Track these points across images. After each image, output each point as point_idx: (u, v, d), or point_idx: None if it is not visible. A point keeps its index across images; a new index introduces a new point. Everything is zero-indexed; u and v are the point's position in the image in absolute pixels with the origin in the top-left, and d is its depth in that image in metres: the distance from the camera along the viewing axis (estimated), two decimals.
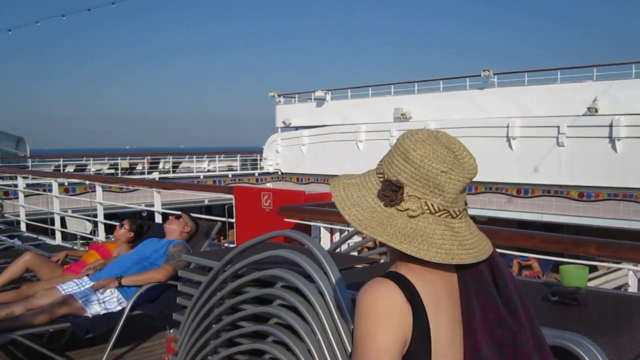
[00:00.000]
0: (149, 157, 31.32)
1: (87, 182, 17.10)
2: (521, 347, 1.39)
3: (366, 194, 1.39)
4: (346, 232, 4.86)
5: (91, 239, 9.90)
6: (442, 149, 1.35)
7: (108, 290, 4.83)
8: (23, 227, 10.49)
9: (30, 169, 26.26)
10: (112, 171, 29.40)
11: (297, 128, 29.19)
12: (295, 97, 31.22)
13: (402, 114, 23.92)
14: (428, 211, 1.35)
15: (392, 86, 26.39)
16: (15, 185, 16.28)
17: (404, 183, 1.36)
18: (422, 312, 1.33)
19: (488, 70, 21.66)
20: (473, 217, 1.47)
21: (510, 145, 19.70)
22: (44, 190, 13.75)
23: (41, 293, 4.84)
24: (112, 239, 6.31)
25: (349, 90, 28.18)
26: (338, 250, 4.20)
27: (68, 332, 5.02)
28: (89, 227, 10.04)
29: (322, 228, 5.32)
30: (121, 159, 30.84)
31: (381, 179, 1.39)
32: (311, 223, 5.33)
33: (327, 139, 26.07)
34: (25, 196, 11.14)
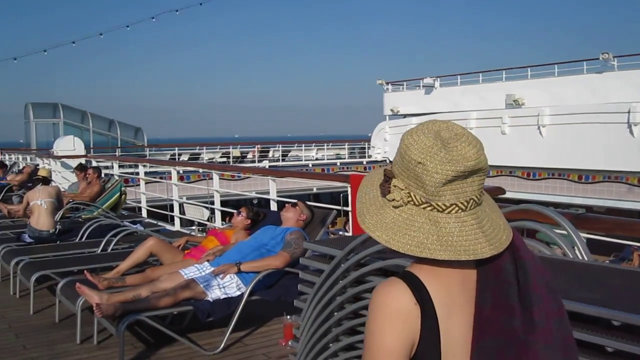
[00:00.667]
0: (258, 146, 32.06)
1: (201, 170, 17.75)
2: (528, 346, 1.34)
3: (377, 183, 1.42)
4: None
5: (207, 225, 10.23)
6: (428, 139, 1.31)
7: (228, 276, 4.96)
8: (144, 213, 11.02)
9: (148, 157, 27.50)
10: (224, 159, 30.30)
11: (405, 116, 28.99)
12: (403, 85, 30.99)
13: (514, 100, 23.19)
14: (412, 202, 1.34)
15: (504, 71, 25.63)
16: (136, 173, 17.14)
17: (395, 173, 1.37)
18: (432, 313, 1.32)
19: (607, 53, 20.64)
20: (590, 208, 1.36)
21: (631, 132, 18.63)
22: (161, 178, 14.38)
23: (165, 277, 5.03)
24: (230, 226, 6.48)
25: (459, 76, 27.65)
26: None
27: (189, 314, 5.20)
28: (206, 213, 10.39)
29: None
30: (232, 148, 31.75)
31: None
32: None
33: None
34: (145, 183, 11.65)
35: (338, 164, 28.76)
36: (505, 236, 1.38)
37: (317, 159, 31.11)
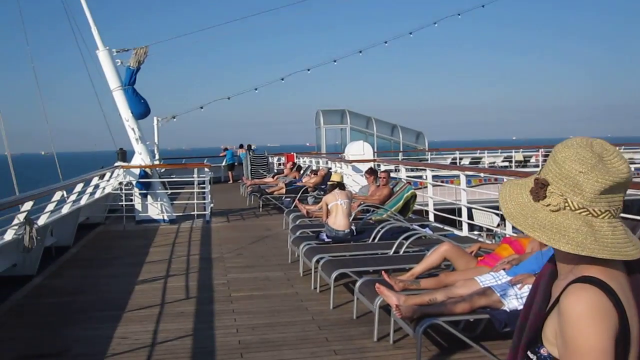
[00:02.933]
0: (542, 150, 30.63)
1: (482, 174, 17.47)
2: None
3: (523, 192, 1.57)
4: None
5: (494, 231, 10.02)
6: (586, 152, 1.48)
7: (526, 286, 4.78)
8: (431, 217, 11.17)
9: (429, 161, 27.89)
10: (506, 164, 29.54)
11: None
12: None
13: None
14: (568, 207, 1.49)
15: None
16: (420, 177, 17.48)
17: (550, 181, 1.53)
18: (623, 311, 1.43)
19: None
20: None
21: None
22: (442, 182, 14.45)
23: (461, 283, 5.02)
24: (523, 234, 6.25)
25: None
26: None
27: (483, 322, 5.11)
28: (495, 220, 10.19)
29: None
30: (515, 152, 30.78)
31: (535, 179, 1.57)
32: None
33: None
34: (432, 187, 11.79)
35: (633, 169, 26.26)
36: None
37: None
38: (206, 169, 15.51)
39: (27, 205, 7.83)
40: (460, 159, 30.25)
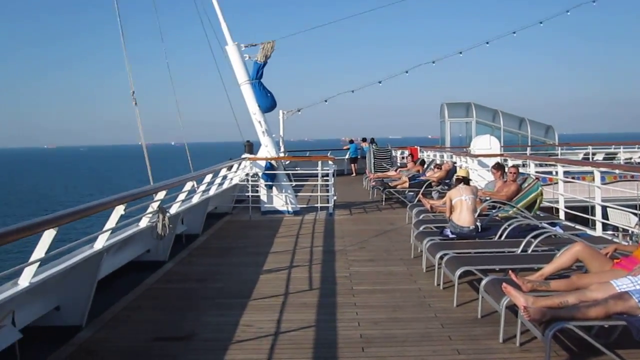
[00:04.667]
0: None
1: (617, 171, 16.48)
2: None
3: None
4: None
5: (632, 232, 9.40)
6: None
7: None
8: (562, 215, 10.66)
9: (559, 156, 26.68)
10: None
11: None
12: None
13: None
14: None
15: None
16: (549, 173, 16.75)
17: None
18: None
19: None
20: None
21: None
22: (572, 178, 13.75)
23: (595, 286, 4.73)
24: None
25: None
26: None
27: (618, 329, 4.80)
28: (634, 220, 9.56)
29: None
30: None
31: None
32: None
33: None
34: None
35: None
36: None
37: None
38: (330, 162, 15.65)
39: (161, 195, 8.21)
40: (593, 154, 28.70)
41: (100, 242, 6.47)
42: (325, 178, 15.62)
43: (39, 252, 5.11)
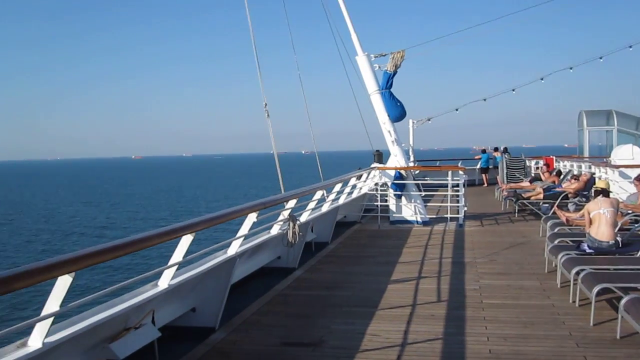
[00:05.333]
0: None
1: None
2: None
3: None
4: None
5: None
6: None
7: None
8: None
9: None
10: None
11: None
12: None
13: None
14: None
15: None
16: None
17: None
18: None
19: None
20: None
21: None
22: None
23: None
24: None
25: None
26: None
27: None
28: None
29: None
30: None
31: None
32: None
33: None
34: None
35: None
36: None
37: None
38: (460, 172, 15.39)
39: (291, 203, 8.44)
40: None
41: (234, 248, 6.75)
42: (455, 188, 15.36)
43: (177, 255, 5.41)
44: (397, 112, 14.92)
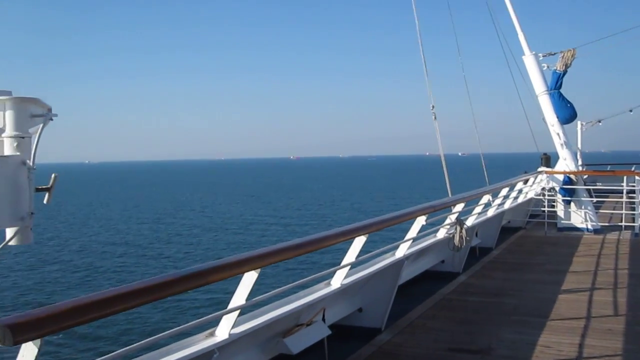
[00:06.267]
0: None
1: None
2: None
3: None
4: None
5: None
6: None
7: None
8: None
9: None
10: None
11: None
12: None
13: None
14: None
15: None
16: None
17: None
18: None
19: None
20: None
21: None
22: None
23: None
24: None
25: None
26: None
27: None
28: None
29: None
30: None
31: None
32: None
33: None
34: None
35: None
36: None
37: None
38: (637, 177, 14.41)
39: (459, 207, 8.36)
40: None
41: (402, 251, 6.81)
42: (630, 195, 14.40)
43: (350, 256, 5.56)
44: (567, 114, 14.26)
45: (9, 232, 2.33)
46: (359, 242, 5.52)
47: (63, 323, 2.52)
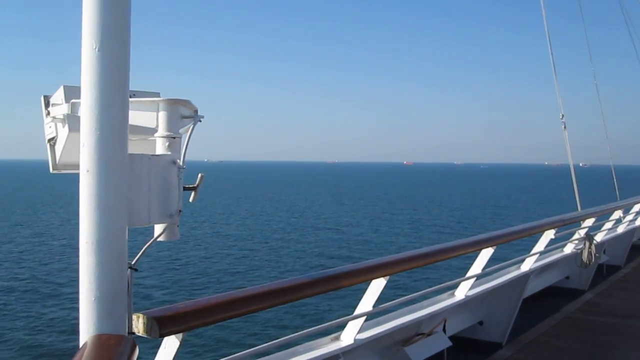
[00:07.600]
0: None
1: None
2: None
3: None
4: None
5: None
6: None
7: None
8: None
9: None
10: None
11: None
12: None
13: None
14: None
15: None
16: None
17: None
18: None
19: None
20: None
21: None
22: None
23: None
24: None
25: None
26: None
27: None
28: None
29: None
30: None
31: None
32: None
33: None
34: None
35: None
36: None
37: None
38: None
39: (589, 222, 8.00)
40: None
41: (528, 264, 6.61)
42: None
43: (476, 267, 5.46)
44: None
45: (158, 228, 2.40)
46: (486, 253, 5.41)
47: (207, 318, 2.63)
